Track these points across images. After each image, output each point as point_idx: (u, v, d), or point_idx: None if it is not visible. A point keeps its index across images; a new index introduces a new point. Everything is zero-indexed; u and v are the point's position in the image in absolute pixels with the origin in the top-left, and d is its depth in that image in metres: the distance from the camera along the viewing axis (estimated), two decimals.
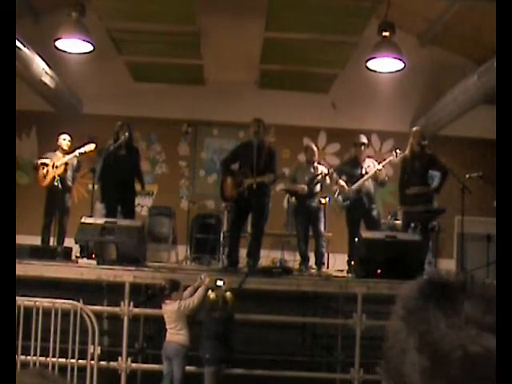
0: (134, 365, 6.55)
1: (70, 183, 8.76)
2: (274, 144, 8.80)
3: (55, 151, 8.76)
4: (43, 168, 8.53)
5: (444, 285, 0.85)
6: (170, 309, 5.91)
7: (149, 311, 7.47)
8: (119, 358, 6.36)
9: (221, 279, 5.91)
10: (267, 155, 7.73)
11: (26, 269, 6.33)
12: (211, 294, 5.75)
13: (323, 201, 8.72)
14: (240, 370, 6.49)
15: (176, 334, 5.85)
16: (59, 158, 8.58)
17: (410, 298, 0.86)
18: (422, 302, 0.84)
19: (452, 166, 8.31)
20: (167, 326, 5.95)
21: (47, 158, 8.67)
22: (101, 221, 7.42)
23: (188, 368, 5.95)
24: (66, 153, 8.67)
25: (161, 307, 6.05)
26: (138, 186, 8.68)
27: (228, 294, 5.76)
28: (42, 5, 10.76)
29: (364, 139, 8.59)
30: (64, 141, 8.72)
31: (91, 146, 8.42)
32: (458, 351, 0.78)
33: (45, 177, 8.50)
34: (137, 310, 6.57)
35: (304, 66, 10.39)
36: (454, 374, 0.77)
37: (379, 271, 6.82)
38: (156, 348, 7.66)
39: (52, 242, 8.58)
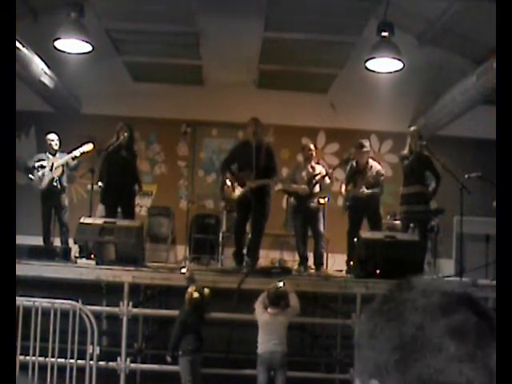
0: (132, 365, 6.54)
1: (65, 183, 8.73)
2: (272, 144, 8.80)
3: (45, 152, 8.70)
4: (38, 171, 8.48)
5: None
6: (279, 318, 5.72)
7: (148, 311, 7.48)
8: (118, 359, 6.35)
9: (281, 281, 5.94)
10: (266, 154, 7.72)
11: (25, 269, 6.32)
12: (194, 294, 5.72)
13: (322, 201, 8.70)
14: (239, 371, 6.51)
15: (280, 344, 5.70)
16: (55, 160, 8.54)
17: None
18: None
19: (451, 166, 8.31)
20: (268, 336, 5.71)
21: (41, 159, 8.61)
22: (100, 221, 7.41)
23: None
24: (56, 152, 8.62)
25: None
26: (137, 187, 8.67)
27: (206, 290, 5.80)
28: (41, 5, 10.73)
29: (366, 144, 8.57)
30: (53, 141, 8.64)
31: (89, 146, 8.39)
32: None
33: (41, 179, 8.45)
34: (136, 311, 6.57)
35: (303, 67, 10.39)
36: None
37: (378, 271, 6.81)
38: (155, 348, 7.66)
39: (54, 242, 8.56)
